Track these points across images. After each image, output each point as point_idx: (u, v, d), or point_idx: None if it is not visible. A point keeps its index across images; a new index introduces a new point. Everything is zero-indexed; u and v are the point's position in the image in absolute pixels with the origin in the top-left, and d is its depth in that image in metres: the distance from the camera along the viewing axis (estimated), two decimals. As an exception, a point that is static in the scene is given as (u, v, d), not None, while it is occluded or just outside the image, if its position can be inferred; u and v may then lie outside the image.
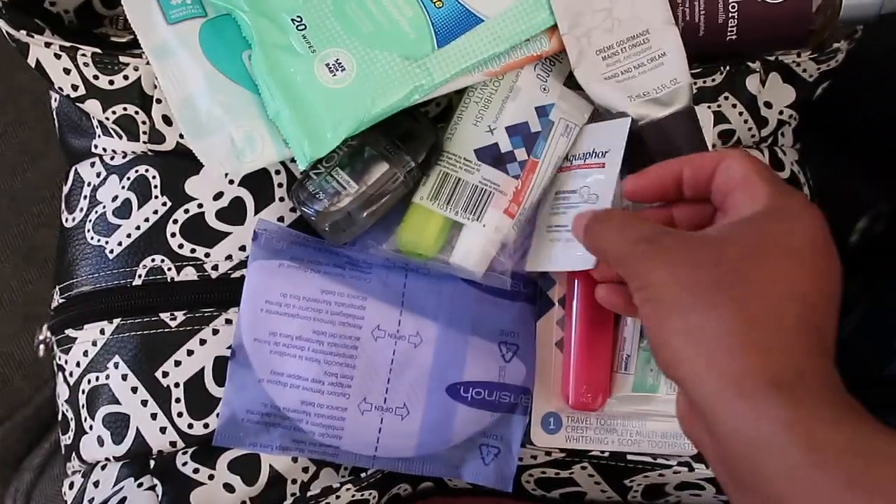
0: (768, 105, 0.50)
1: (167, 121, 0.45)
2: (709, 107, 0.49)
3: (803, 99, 0.51)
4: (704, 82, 0.49)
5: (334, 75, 0.42)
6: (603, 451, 0.46)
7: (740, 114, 0.49)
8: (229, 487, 0.42)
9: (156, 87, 0.45)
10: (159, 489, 0.42)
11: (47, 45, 0.43)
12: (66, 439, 0.47)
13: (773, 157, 0.51)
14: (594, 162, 0.45)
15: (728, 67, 0.49)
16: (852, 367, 0.64)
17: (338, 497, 0.43)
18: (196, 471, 0.42)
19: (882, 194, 0.80)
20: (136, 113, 0.45)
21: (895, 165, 0.77)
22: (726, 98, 0.49)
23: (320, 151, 0.42)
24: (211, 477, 0.42)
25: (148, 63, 0.44)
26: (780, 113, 0.51)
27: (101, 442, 0.44)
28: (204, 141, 0.42)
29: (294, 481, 0.43)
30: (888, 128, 0.71)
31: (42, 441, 0.67)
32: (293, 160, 0.44)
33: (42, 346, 0.48)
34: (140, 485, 0.42)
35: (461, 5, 0.44)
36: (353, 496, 0.44)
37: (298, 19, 0.43)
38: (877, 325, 0.63)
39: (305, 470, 0.44)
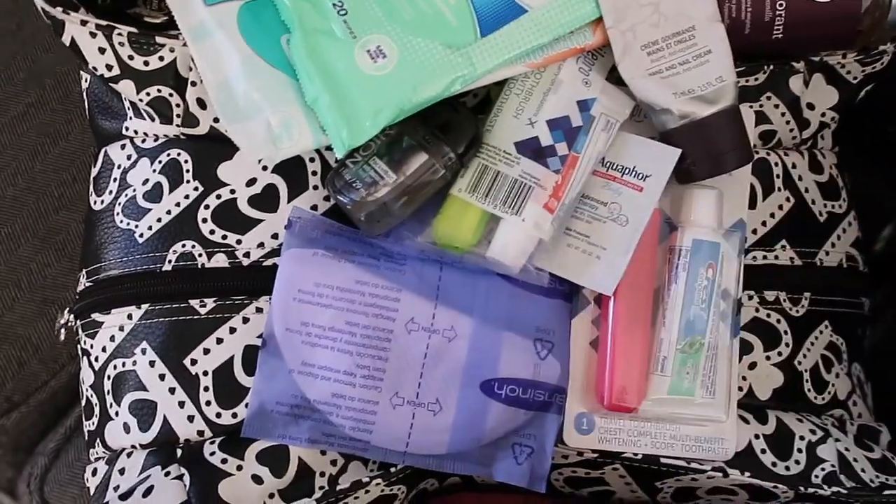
0: (811, 106, 0.49)
1: (201, 104, 0.44)
2: (750, 106, 0.48)
3: (846, 101, 0.50)
4: (747, 81, 0.48)
5: (375, 62, 0.41)
6: (636, 454, 0.45)
7: (782, 114, 0.48)
8: (257, 479, 0.42)
9: (191, 69, 0.44)
10: (186, 479, 0.41)
11: (83, 23, 0.42)
12: (90, 425, 0.46)
13: (812, 160, 0.50)
14: (632, 182, 0.44)
15: (771, 66, 0.48)
16: (881, 375, 0.63)
17: (367, 491, 0.42)
18: (224, 461, 0.42)
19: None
20: (171, 95, 0.44)
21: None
22: (769, 98, 0.48)
23: (359, 140, 0.41)
24: (239, 468, 0.42)
25: (184, 44, 0.43)
26: (822, 115, 0.50)
27: (127, 429, 0.43)
28: (240, 126, 0.41)
29: (322, 474, 0.43)
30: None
31: (57, 426, 0.66)
32: (328, 148, 0.44)
33: (63, 330, 0.48)
34: (167, 473, 0.42)
35: (506, -6, 0.43)
36: (383, 490, 0.43)
37: (339, 4, 0.42)
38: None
39: (334, 463, 0.43)
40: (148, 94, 0.44)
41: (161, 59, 0.44)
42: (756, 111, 0.48)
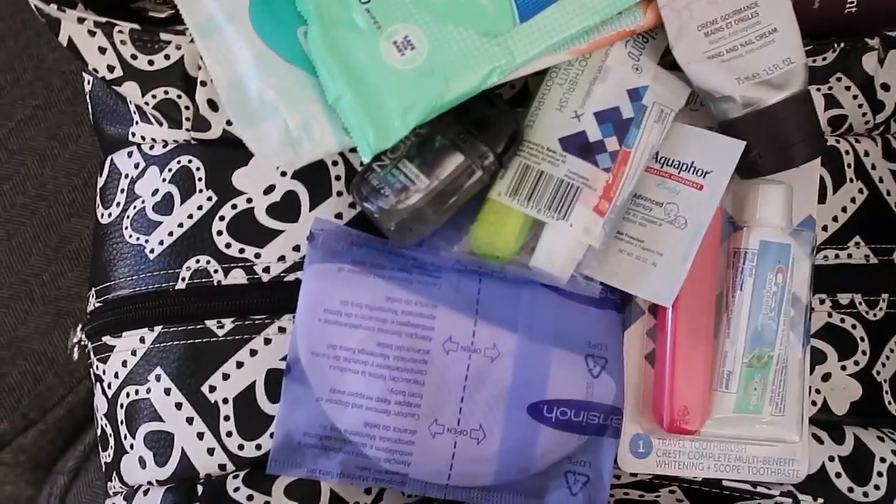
0: (885, 87, 0.45)
1: (213, 106, 0.41)
2: (818, 89, 0.44)
3: (924, 80, 0.45)
4: (814, 61, 0.43)
5: (403, 55, 0.37)
6: (696, 476, 0.41)
7: (854, 97, 0.44)
8: (286, 516, 0.38)
9: (200, 68, 0.40)
10: (209, 519, 0.38)
11: (80, 20, 0.39)
12: (106, 457, 0.43)
13: (886, 147, 0.46)
14: (690, 179, 0.40)
15: (842, 44, 0.43)
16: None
17: (404, 526, 0.39)
18: (250, 497, 0.38)
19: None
20: (179, 97, 0.40)
21: None
22: (839, 79, 0.44)
23: (387, 142, 0.37)
24: (267, 503, 0.38)
25: (192, 41, 0.39)
26: (900, 96, 0.45)
27: (143, 463, 0.40)
28: (255, 129, 0.38)
29: (356, 506, 0.39)
30: None
31: (76, 443, 0.63)
32: (353, 150, 0.40)
33: (76, 348, 0.44)
34: (187, 514, 0.38)
35: (546, -26, 0.38)
36: (421, 525, 0.39)
37: (362, -10, 0.38)
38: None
39: (368, 492, 0.40)
40: (154, 96, 0.40)
41: (167, 57, 0.40)
42: (825, 94, 0.44)
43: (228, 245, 0.40)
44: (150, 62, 0.40)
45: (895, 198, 0.45)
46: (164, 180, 0.42)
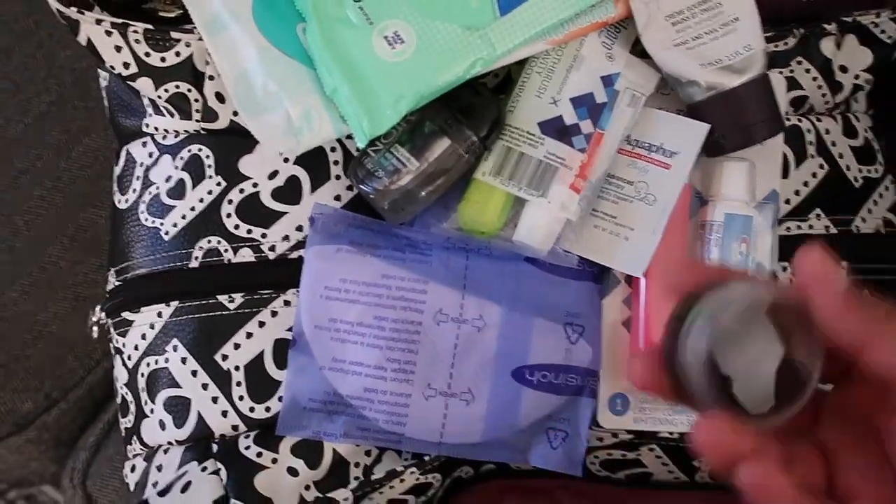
0: (843, 69, 0.48)
1: (220, 98, 0.44)
2: (780, 72, 0.47)
3: (881, 62, 0.48)
4: (776, 46, 0.47)
5: (393, 48, 0.41)
6: (672, 433, 0.45)
7: (814, 79, 0.47)
8: (293, 471, 0.42)
9: (208, 63, 0.43)
10: (223, 473, 0.42)
11: (98, 21, 0.42)
12: (127, 422, 0.46)
13: (846, 125, 0.49)
14: (659, 159, 0.43)
15: (801, 30, 0.46)
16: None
17: (402, 481, 0.42)
18: (259, 454, 0.42)
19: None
20: (189, 90, 0.44)
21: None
22: (799, 62, 0.47)
23: (380, 129, 0.40)
24: (274, 461, 0.42)
25: (200, 39, 0.42)
26: (856, 77, 0.48)
27: (162, 426, 0.44)
28: (260, 118, 0.41)
29: (357, 465, 0.43)
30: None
31: (96, 420, 0.67)
32: (349, 136, 0.43)
33: (96, 328, 0.48)
34: (204, 469, 0.42)
35: (523, -29, 0.42)
36: (418, 479, 0.43)
37: (354, -11, 0.41)
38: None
39: (368, 453, 0.43)
40: (166, 90, 0.44)
41: (178, 54, 0.43)
42: (787, 77, 0.47)
43: (237, 226, 0.44)
44: (163, 59, 0.43)
45: (854, 172, 0.48)
46: (176, 167, 0.45)
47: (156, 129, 0.46)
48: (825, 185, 0.47)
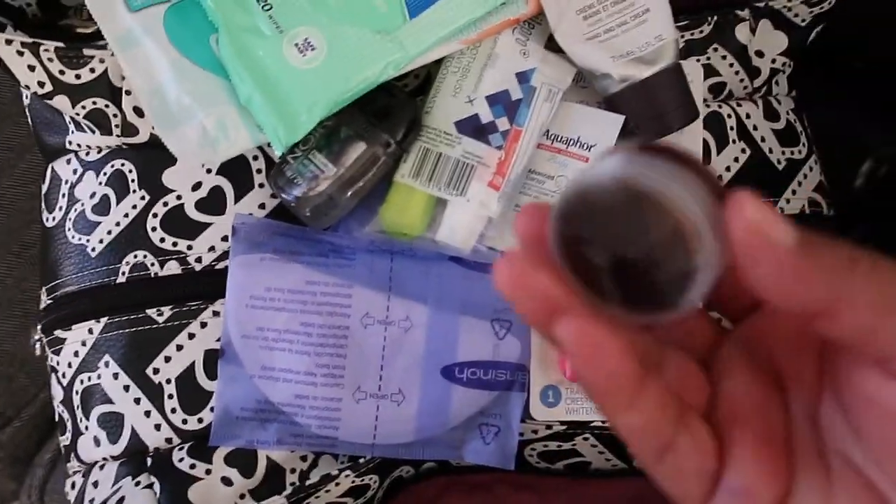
0: (759, 54, 0.48)
1: (139, 112, 0.44)
2: (697, 60, 0.47)
3: (797, 45, 0.49)
4: (692, 34, 0.47)
5: (304, 55, 0.41)
6: (604, 421, 0.45)
7: (731, 65, 0.47)
8: (227, 481, 0.42)
9: (124, 78, 0.43)
10: (157, 486, 0.42)
11: (8, 42, 0.42)
12: (65, 440, 0.46)
13: (767, 108, 0.49)
14: (577, 153, 0.43)
15: (715, 17, 0.47)
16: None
17: (337, 484, 0.43)
18: (193, 466, 0.42)
19: (886, 136, 0.78)
20: (107, 106, 0.44)
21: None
22: (715, 49, 0.47)
23: (295, 136, 0.41)
24: (208, 472, 0.42)
25: (113, 54, 0.42)
26: (773, 61, 0.49)
27: (97, 442, 0.44)
28: (175, 131, 0.41)
29: (293, 471, 0.43)
30: (888, 69, 0.69)
31: (51, 437, 0.67)
32: (269, 144, 0.43)
33: (38, 345, 0.48)
34: (137, 483, 0.42)
35: (431, -28, 0.42)
36: (353, 482, 0.43)
37: (263, -1, 0.41)
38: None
39: (304, 459, 0.44)
40: (84, 107, 0.44)
41: (92, 70, 0.43)
42: (704, 64, 0.47)
43: (163, 239, 0.44)
44: (77, 76, 0.43)
45: (777, 155, 0.49)
46: (100, 183, 0.45)
47: (78, 145, 0.46)
48: (748, 169, 0.48)
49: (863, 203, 0.77)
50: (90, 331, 0.44)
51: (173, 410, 0.43)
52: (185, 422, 0.43)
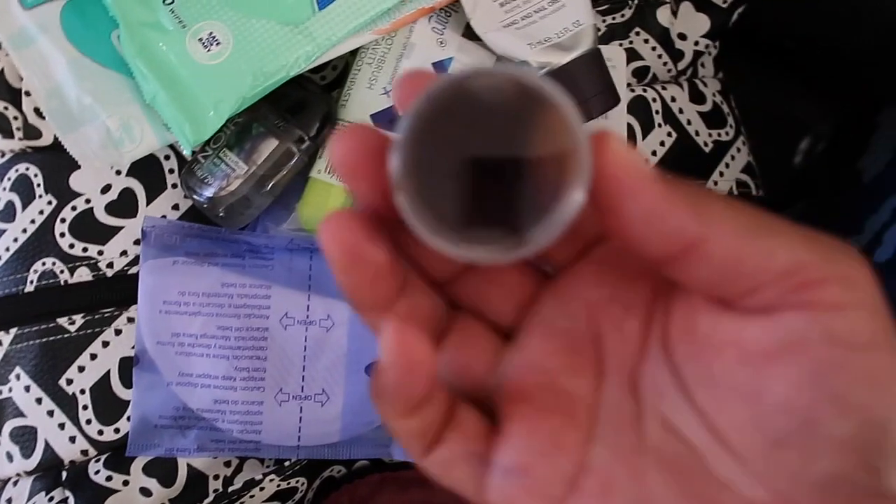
0: (682, 37, 0.48)
1: (40, 114, 0.42)
2: (620, 44, 0.47)
3: (719, 27, 0.48)
4: (614, 19, 0.46)
5: (209, 50, 0.39)
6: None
7: (653, 49, 0.47)
8: (146, 492, 0.41)
9: (22, 78, 0.42)
10: (72, 501, 0.40)
11: None
12: (-21, 456, 0.45)
13: (693, 91, 0.49)
14: None
15: (636, 1, 0.46)
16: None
17: (262, 489, 0.42)
18: (109, 478, 0.41)
19: (822, 113, 0.78)
20: (6, 108, 0.42)
21: (831, 84, 0.75)
22: (637, 33, 0.47)
23: (203, 134, 0.39)
24: (126, 483, 0.41)
25: (8, 54, 0.40)
26: (696, 43, 0.48)
27: (10, 457, 0.42)
28: (76, 133, 0.39)
29: (216, 477, 0.42)
30: (818, 46, 0.69)
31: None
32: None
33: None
34: (51, 499, 0.41)
35: (340, -39, 0.41)
36: (279, 485, 0.42)
37: (164, -8, 0.40)
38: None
39: (228, 464, 0.42)
40: (-18, 109, 0.42)
41: (-12, 71, 0.41)
42: (626, 49, 0.47)
43: (72, 245, 0.42)
44: (-27, 78, 0.41)
45: (704, 137, 0.49)
46: (4, 189, 0.43)
47: (-20, 149, 0.44)
48: (675, 152, 0.48)
49: (802, 180, 0.78)
50: None
51: (88, 422, 0.41)
52: (100, 433, 0.41)
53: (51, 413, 0.42)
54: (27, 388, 0.42)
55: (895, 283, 0.50)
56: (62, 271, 0.42)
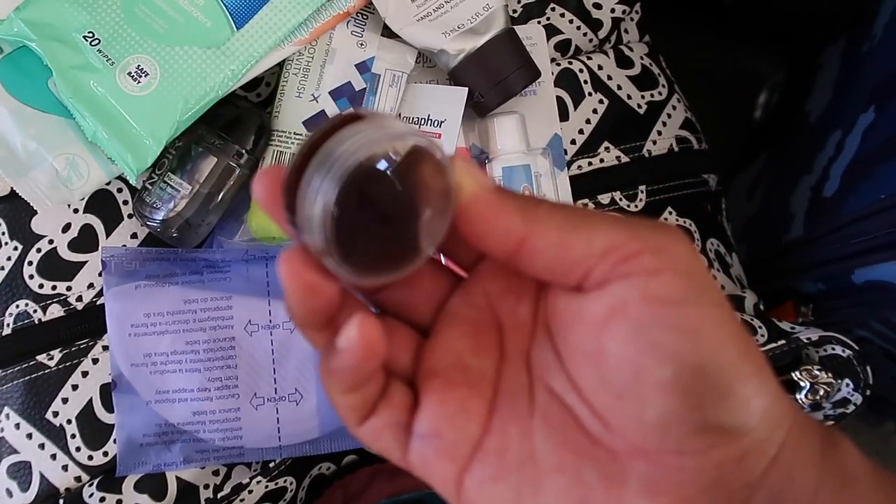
0: (597, 6, 0.49)
1: (-5, 166, 0.44)
2: (538, 22, 0.48)
3: (632, -9, 0.50)
4: (528, -2, 0.48)
5: (138, 82, 0.41)
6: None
7: (570, 21, 0.48)
8: (140, 508, 0.43)
9: (-27, 135, 0.44)
10: (70, 527, 0.42)
11: None
12: (-18, 497, 0.47)
13: (619, 57, 0.50)
14: (430, 130, 0.44)
15: (547, -22, 0.48)
16: (759, 241, 0.64)
17: (250, 492, 0.43)
18: (103, 499, 0.43)
19: (773, 64, 0.79)
20: (-38, 165, 0.44)
21: (774, 33, 0.76)
22: (553, 9, 0.48)
23: (145, 162, 0.41)
24: (119, 502, 0.43)
25: (-46, 113, 0.43)
26: (612, 11, 0.50)
27: (9, 493, 0.44)
28: (25, 178, 0.42)
29: (206, 486, 0.44)
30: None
31: None
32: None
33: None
34: (52, 527, 0.43)
35: (252, -19, 0.43)
36: (267, 487, 0.44)
37: (90, 35, 0.42)
38: (777, 198, 0.63)
39: (216, 473, 0.44)
40: (-60, 169, 0.44)
41: (-59, 132, 0.44)
42: (545, 25, 0.48)
43: (41, 285, 0.44)
44: (-73, 140, 0.43)
45: (636, 100, 0.50)
46: (-28, 242, 0.45)
47: (-55, 207, 0.46)
48: (609, 117, 0.49)
49: (763, 133, 0.79)
50: (-14, 386, 0.45)
51: (78, 449, 0.43)
52: (90, 458, 0.43)
53: (42, 446, 0.44)
54: (17, 426, 0.44)
55: (843, 214, 0.52)
56: (35, 311, 0.44)
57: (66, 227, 0.45)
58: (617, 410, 0.23)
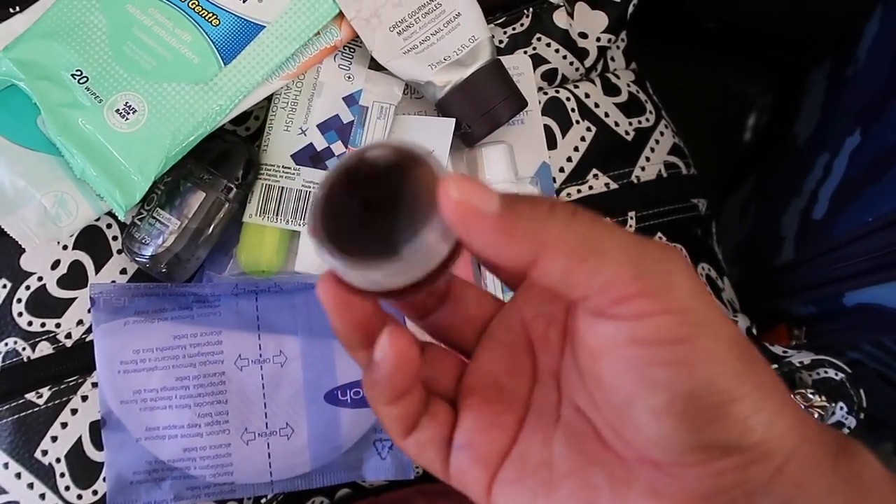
0: (583, 35, 0.50)
1: (-17, 206, 0.44)
2: (525, 52, 0.49)
3: (618, 20, 0.50)
4: (514, 29, 0.48)
5: (126, 119, 0.42)
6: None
7: (556, 51, 0.49)
8: (130, 548, 0.42)
9: (-38, 174, 0.44)
10: (60, 568, 0.42)
11: None
12: (-29, 539, 0.46)
13: (606, 84, 0.51)
14: None
15: (532, 9, 0.48)
16: (751, 263, 0.64)
17: (242, 529, 0.43)
18: (93, 540, 0.42)
19: (760, 87, 0.80)
20: (-49, 204, 0.44)
21: (761, 57, 0.77)
22: (539, 39, 0.49)
23: (133, 198, 0.41)
24: (110, 542, 0.42)
25: (-57, 153, 0.43)
26: (598, 39, 0.50)
27: (-1, 535, 0.44)
28: (14, 215, 0.42)
29: (198, 524, 0.43)
30: (738, 23, 0.71)
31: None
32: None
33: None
34: (41, 569, 0.42)
35: (239, 17, 0.43)
36: (259, 523, 0.43)
37: (79, 73, 0.42)
38: (767, 220, 0.63)
39: (208, 510, 0.44)
40: (-71, 209, 0.44)
41: (-71, 172, 0.44)
42: (531, 55, 0.49)
43: (30, 323, 0.44)
44: (-84, 180, 0.44)
45: (624, 127, 0.50)
46: (-40, 280, 0.45)
47: (-66, 246, 0.46)
48: (596, 145, 0.49)
49: (753, 155, 0.79)
50: (-25, 426, 0.44)
51: (67, 488, 0.43)
52: (80, 497, 0.43)
53: (31, 486, 0.43)
54: (6, 465, 0.43)
55: (832, 237, 0.52)
56: (24, 349, 0.44)
57: (56, 264, 0.45)
58: (619, 426, 0.24)
